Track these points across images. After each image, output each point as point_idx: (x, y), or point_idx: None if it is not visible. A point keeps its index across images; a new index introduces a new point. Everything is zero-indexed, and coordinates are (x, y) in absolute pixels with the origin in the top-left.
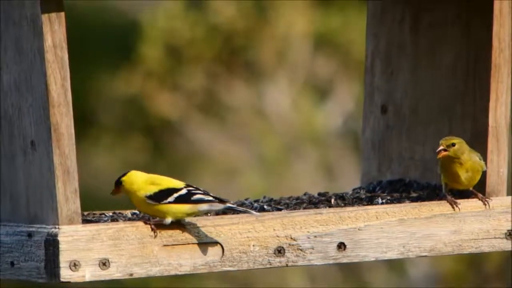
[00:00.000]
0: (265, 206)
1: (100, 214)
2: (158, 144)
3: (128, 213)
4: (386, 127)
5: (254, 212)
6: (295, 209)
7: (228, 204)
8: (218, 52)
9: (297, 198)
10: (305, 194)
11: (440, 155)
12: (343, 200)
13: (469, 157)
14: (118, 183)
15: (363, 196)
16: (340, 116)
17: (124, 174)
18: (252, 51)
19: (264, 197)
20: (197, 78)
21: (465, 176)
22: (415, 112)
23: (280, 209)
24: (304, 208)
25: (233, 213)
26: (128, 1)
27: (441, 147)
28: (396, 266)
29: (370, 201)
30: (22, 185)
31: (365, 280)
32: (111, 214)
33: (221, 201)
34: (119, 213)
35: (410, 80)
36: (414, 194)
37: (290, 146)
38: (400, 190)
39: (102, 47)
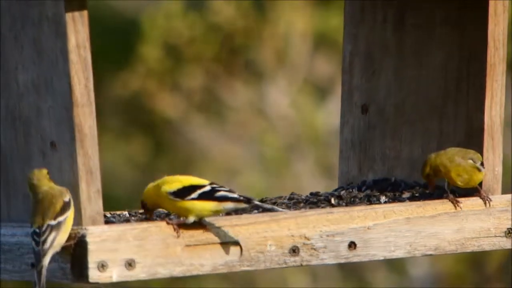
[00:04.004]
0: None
1: None
2: (159, 144)
3: (126, 213)
4: (368, 127)
5: (281, 209)
6: (295, 209)
7: (255, 202)
8: (218, 52)
9: (290, 198)
10: (292, 194)
11: (432, 188)
12: (341, 199)
13: (457, 163)
14: (144, 205)
15: (360, 196)
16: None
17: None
18: (251, 51)
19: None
20: (197, 78)
21: (460, 179)
22: (400, 111)
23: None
24: (310, 208)
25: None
26: (128, 1)
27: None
28: (396, 265)
29: (369, 200)
30: None
31: (365, 280)
32: (108, 215)
33: (247, 199)
34: (114, 213)
35: (395, 79)
36: (407, 194)
37: (290, 146)
38: (388, 189)
39: (102, 47)
